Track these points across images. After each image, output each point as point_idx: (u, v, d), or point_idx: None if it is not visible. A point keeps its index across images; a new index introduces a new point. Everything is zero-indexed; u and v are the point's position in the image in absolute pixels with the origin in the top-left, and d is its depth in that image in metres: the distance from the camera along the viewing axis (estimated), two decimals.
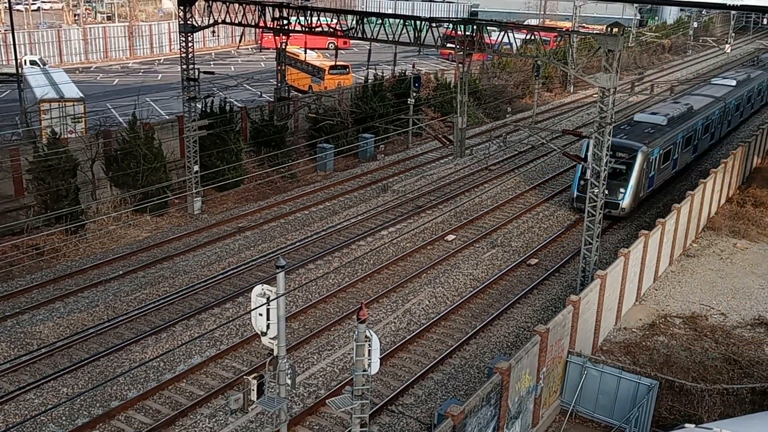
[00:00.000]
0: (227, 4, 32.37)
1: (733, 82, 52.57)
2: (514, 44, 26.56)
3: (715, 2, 21.36)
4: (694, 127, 41.29)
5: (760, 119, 55.71)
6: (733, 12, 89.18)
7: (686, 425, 15.59)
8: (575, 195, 34.83)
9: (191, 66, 32.43)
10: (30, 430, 19.12)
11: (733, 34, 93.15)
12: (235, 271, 28.16)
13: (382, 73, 50.06)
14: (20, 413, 19.66)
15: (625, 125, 38.23)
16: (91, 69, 68.04)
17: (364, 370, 12.79)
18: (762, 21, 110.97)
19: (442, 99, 50.96)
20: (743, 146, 38.54)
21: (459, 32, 26.94)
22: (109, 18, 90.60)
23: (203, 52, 73.50)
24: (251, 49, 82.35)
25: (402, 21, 28.54)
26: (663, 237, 27.70)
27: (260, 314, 12.93)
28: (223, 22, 32.26)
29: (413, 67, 49.59)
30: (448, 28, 28.33)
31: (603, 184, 24.71)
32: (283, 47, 38.25)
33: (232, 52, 79.49)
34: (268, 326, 12.92)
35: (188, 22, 32.18)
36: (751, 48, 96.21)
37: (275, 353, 12.95)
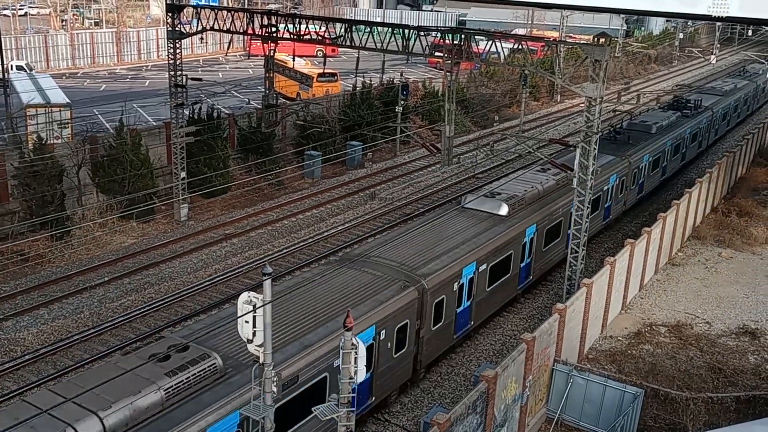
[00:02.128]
0: (215, 11, 32.37)
1: (539, 186, 27.43)
2: (501, 53, 26.70)
3: (701, 14, 21.52)
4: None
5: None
6: (718, 23, 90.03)
7: None
8: None
9: (179, 72, 32.39)
10: None
11: (719, 45, 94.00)
12: (221, 278, 28.08)
13: (371, 81, 50.16)
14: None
15: None
16: (78, 75, 67.76)
17: (350, 378, 12.77)
18: (747, 32, 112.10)
19: (429, 107, 51.10)
20: (728, 156, 38.82)
21: (447, 41, 27.04)
22: (96, 24, 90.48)
23: (191, 59, 73.40)
24: (239, 56, 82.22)
25: (390, 29, 28.63)
26: (649, 246, 27.86)
27: (246, 321, 12.89)
28: (212, 29, 32.24)
29: (401, 75, 49.69)
30: (436, 36, 28.43)
31: (588, 205, 24.79)
32: (272, 54, 38.29)
33: (220, 58, 79.38)
34: (254, 333, 12.87)
35: (176, 28, 32.16)
36: (736, 59, 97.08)
37: (261, 360, 12.90)
